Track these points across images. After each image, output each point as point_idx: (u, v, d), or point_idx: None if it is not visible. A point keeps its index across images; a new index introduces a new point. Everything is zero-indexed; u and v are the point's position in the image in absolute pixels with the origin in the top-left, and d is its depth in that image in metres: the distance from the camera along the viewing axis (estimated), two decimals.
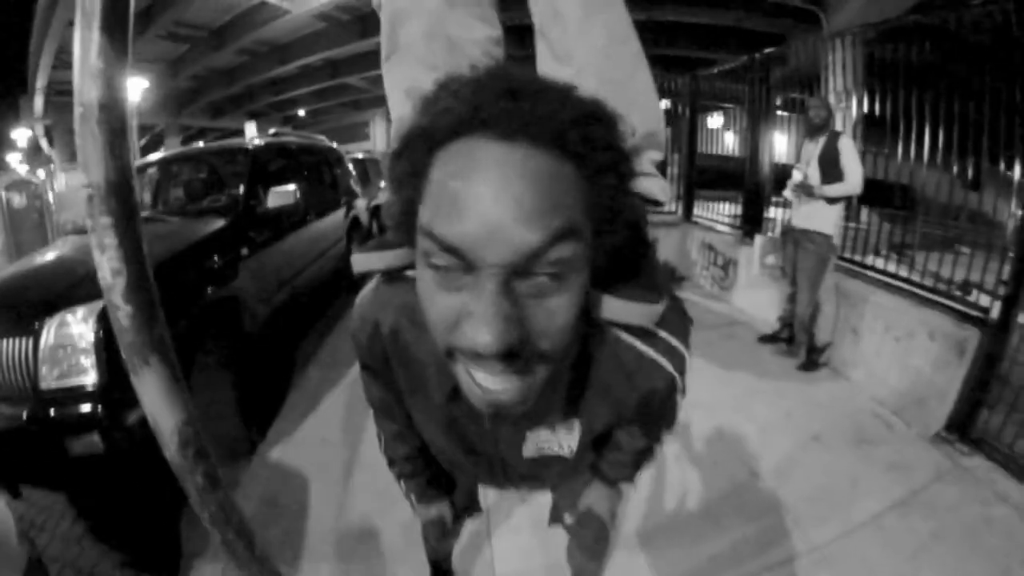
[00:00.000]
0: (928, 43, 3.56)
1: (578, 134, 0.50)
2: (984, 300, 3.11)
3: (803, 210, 3.83)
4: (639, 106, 0.91)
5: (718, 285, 5.57)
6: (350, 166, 6.68)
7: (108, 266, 0.52)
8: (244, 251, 3.17)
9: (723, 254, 5.51)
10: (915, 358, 3.32)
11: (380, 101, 37.85)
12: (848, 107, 4.42)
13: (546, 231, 0.47)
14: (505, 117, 0.48)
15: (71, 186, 13.40)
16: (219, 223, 3.20)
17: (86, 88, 0.50)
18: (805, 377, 3.81)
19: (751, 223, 5.32)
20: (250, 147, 4.09)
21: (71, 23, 17.22)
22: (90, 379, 2.15)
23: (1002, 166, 3.17)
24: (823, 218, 3.70)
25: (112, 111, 0.50)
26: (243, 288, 3.05)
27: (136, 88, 19.63)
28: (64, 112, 27.74)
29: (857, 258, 4.12)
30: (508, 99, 0.49)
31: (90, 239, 0.53)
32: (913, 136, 3.65)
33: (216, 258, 2.90)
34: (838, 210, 3.70)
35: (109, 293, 0.53)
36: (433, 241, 0.49)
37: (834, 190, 3.61)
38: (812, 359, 3.89)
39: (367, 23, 20.16)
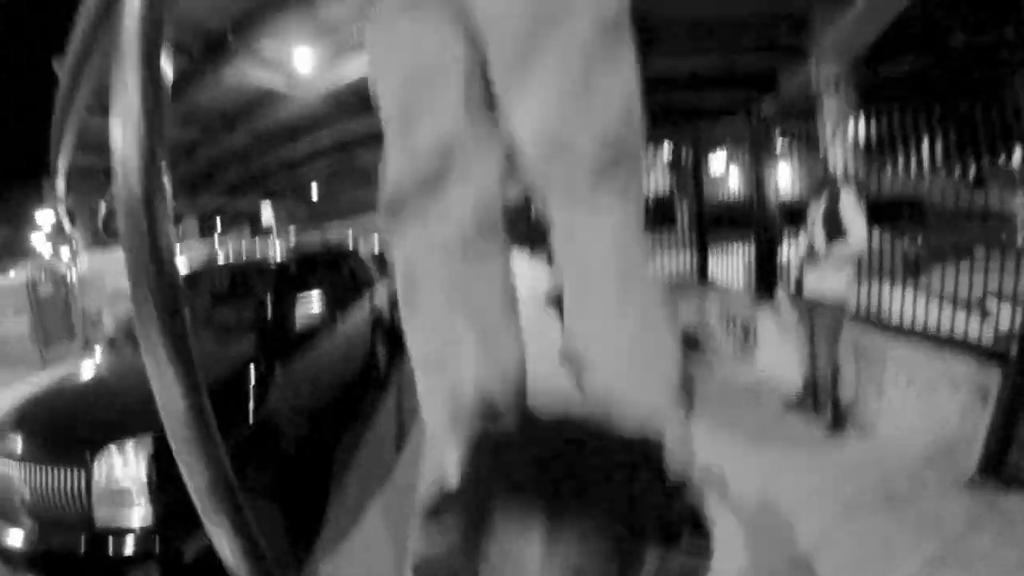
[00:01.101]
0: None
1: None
2: (1005, 317, 3.16)
3: (813, 276, 3.92)
4: (661, 389, 0.80)
5: (740, 348, 5.64)
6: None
7: (167, 396, 0.57)
8: (276, 372, 3.33)
9: (741, 319, 5.61)
10: (940, 408, 3.37)
11: None
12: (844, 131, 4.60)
13: None
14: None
15: (94, 269, 13.83)
16: (249, 344, 3.42)
17: (128, 182, 0.56)
18: (833, 441, 3.83)
19: (766, 283, 5.43)
20: (273, 265, 4.33)
21: (93, 109, 18.24)
22: (142, 517, 2.30)
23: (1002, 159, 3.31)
24: (835, 282, 3.80)
25: (152, 203, 0.55)
26: (277, 411, 3.17)
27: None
28: (86, 194, 28.77)
29: (872, 307, 4.20)
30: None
31: (146, 363, 0.57)
32: (912, 147, 3.80)
33: (250, 385, 3.06)
34: (847, 273, 3.81)
35: (171, 425, 0.58)
36: None
37: (839, 252, 3.72)
38: (838, 421, 3.91)
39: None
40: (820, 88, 13.13)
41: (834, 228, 3.74)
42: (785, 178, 5.63)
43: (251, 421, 2.92)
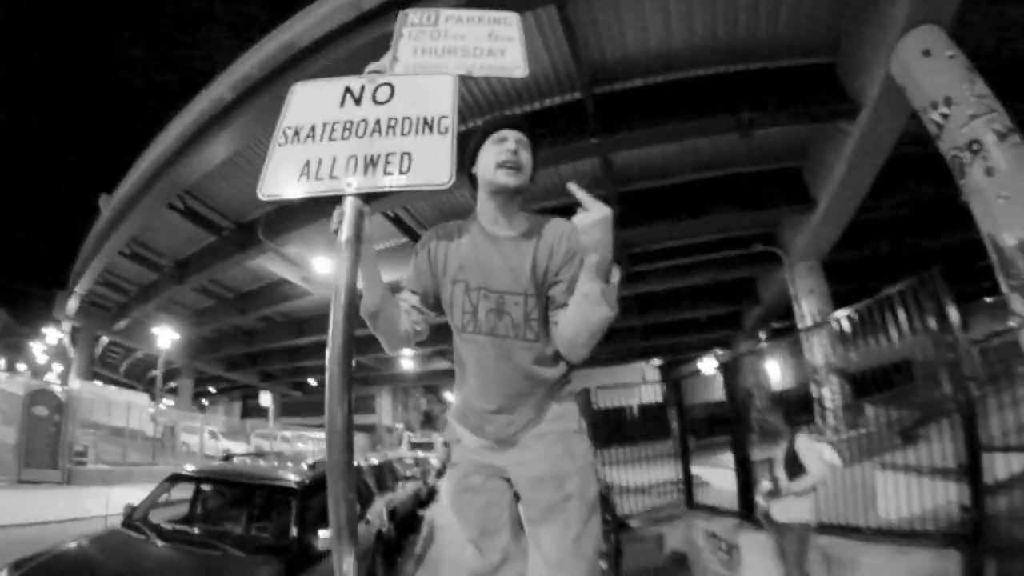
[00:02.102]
0: None
1: None
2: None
3: (779, 506, 4.37)
4: None
5: (725, 567, 5.82)
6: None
7: None
8: None
9: (726, 540, 5.86)
10: None
11: (387, 379, 39.41)
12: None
13: None
14: None
15: (84, 392, 14.76)
16: (277, 567, 3.71)
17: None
18: None
19: (747, 506, 5.80)
20: (296, 486, 4.55)
21: (123, 253, 19.16)
22: None
23: None
24: (798, 510, 4.24)
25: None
26: None
27: (166, 336, 22.18)
28: (92, 319, 29.32)
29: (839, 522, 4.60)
30: None
31: None
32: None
33: None
34: (809, 500, 4.25)
35: None
36: None
37: (798, 486, 4.20)
38: None
39: (379, 313, 23.10)
40: (795, 290, 15.12)
41: (794, 466, 4.28)
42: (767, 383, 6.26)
43: None
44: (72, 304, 28.96)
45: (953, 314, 3.71)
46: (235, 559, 3.77)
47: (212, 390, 50.32)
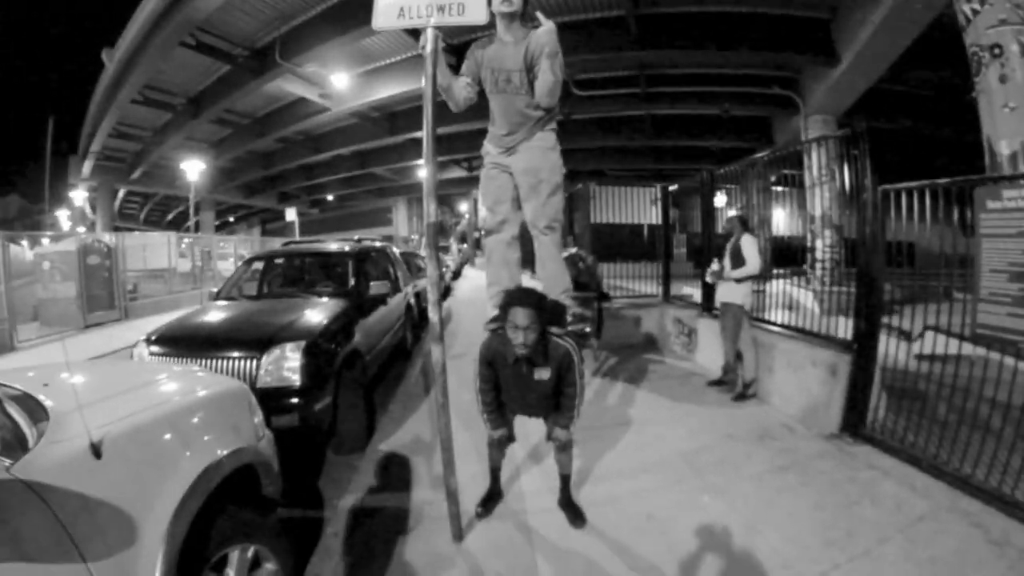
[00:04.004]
0: None
1: (540, 303, 2.81)
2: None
3: (721, 290, 5.69)
4: (561, 286, 3.57)
5: (685, 349, 7.28)
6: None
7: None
8: (359, 320, 5.03)
9: (688, 325, 7.26)
10: (806, 381, 4.92)
11: (403, 190, 40.44)
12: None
13: (534, 321, 2.69)
14: (521, 299, 2.78)
15: (133, 246, 15.52)
16: (343, 302, 5.08)
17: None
18: (735, 405, 5.39)
19: (708, 299, 7.07)
20: (352, 251, 6.08)
21: (135, 100, 19.77)
22: (297, 382, 3.90)
23: None
24: (734, 294, 5.52)
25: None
26: (360, 343, 4.89)
27: (194, 169, 22.35)
28: (109, 174, 30.74)
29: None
30: (522, 293, 2.86)
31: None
32: None
33: (348, 324, 4.79)
34: (745, 287, 5.49)
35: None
36: (508, 323, 2.80)
37: (737, 273, 5.43)
38: (742, 392, 5.51)
39: (396, 120, 23.37)
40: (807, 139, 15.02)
41: (738, 259, 5.48)
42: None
43: (348, 345, 4.59)
44: (87, 165, 29.39)
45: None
46: (312, 300, 5.13)
47: (231, 219, 51.91)
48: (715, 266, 5.79)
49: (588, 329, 3.52)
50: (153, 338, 4.40)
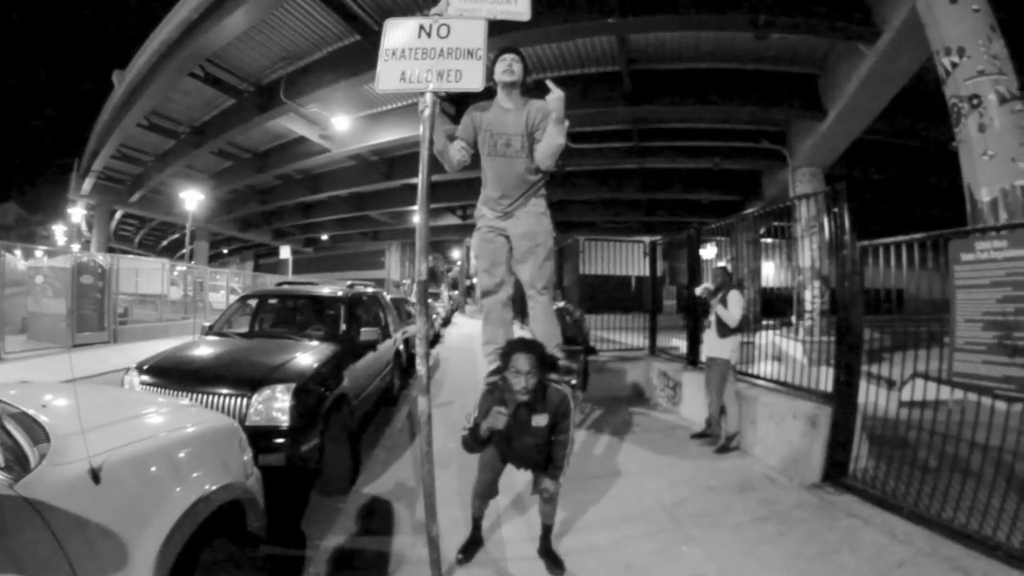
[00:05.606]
0: None
1: (539, 353, 2.97)
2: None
3: (708, 345, 5.83)
4: (554, 341, 3.66)
5: (670, 402, 7.36)
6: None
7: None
8: (349, 365, 5.10)
9: (673, 378, 7.36)
10: (787, 433, 4.99)
11: (397, 234, 40.90)
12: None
13: (535, 366, 2.91)
14: (523, 347, 2.97)
15: (126, 269, 15.33)
16: (333, 346, 5.15)
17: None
18: (718, 456, 5.44)
19: (693, 353, 7.20)
20: (344, 296, 6.18)
21: (140, 124, 19.97)
22: (285, 423, 3.95)
23: None
24: (722, 349, 5.66)
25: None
26: (349, 387, 4.95)
27: (193, 199, 22.89)
28: (108, 194, 30.70)
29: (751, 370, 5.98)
30: (524, 342, 3.07)
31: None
32: None
33: (337, 368, 4.86)
34: (733, 342, 5.63)
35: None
36: (510, 369, 2.94)
37: (720, 311, 5.60)
38: (725, 445, 5.57)
39: (394, 166, 23.71)
40: (796, 193, 15.26)
41: (724, 311, 5.62)
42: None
43: (336, 389, 4.66)
44: (88, 183, 29.55)
45: None
46: (303, 342, 5.21)
47: (225, 251, 52.13)
48: (700, 291, 6.13)
49: (574, 382, 3.60)
50: (145, 367, 4.46)
